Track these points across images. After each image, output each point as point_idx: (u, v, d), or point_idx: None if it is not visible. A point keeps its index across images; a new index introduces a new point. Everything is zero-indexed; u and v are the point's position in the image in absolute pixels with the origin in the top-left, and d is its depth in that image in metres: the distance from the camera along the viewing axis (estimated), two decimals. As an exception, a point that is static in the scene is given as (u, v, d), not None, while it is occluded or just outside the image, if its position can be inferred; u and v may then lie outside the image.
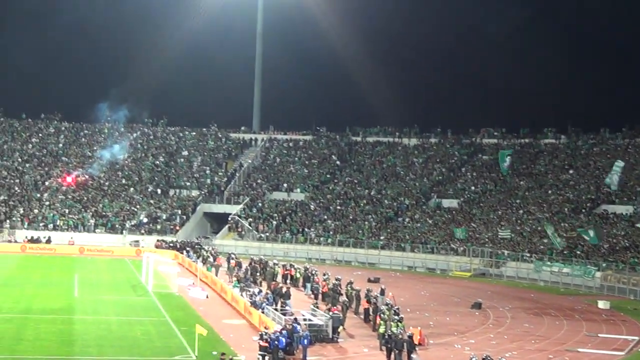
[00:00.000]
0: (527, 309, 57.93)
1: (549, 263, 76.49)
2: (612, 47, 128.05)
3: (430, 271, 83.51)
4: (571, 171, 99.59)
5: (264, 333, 36.92)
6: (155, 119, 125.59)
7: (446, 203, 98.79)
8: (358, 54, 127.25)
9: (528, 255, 79.15)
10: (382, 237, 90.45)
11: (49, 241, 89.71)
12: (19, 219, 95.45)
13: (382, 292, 50.94)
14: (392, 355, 37.06)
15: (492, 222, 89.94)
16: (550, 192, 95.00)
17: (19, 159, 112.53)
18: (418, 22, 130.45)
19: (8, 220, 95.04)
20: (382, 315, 42.61)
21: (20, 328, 42.07)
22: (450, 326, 49.02)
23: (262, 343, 36.15)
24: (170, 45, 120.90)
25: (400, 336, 37.37)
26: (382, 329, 40.81)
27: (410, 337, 37.77)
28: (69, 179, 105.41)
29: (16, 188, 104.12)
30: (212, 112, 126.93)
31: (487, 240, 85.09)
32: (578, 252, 76.82)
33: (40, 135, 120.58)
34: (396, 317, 41.63)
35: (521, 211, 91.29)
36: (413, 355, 36.86)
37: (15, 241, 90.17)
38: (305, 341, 37.66)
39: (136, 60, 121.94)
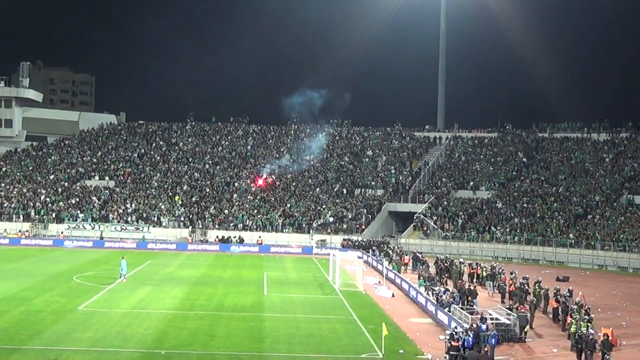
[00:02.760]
0: None
1: None
2: None
3: (622, 270, 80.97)
4: None
5: (454, 332, 36.71)
6: (340, 120, 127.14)
7: (639, 199, 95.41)
8: (542, 49, 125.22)
9: None
10: (571, 235, 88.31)
11: (241, 241, 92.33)
12: (210, 220, 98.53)
13: (571, 294, 49.63)
14: (583, 356, 36.11)
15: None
16: None
17: (210, 162, 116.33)
18: (604, 15, 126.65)
19: (200, 221, 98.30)
20: (573, 315, 41.62)
21: (213, 325, 43.35)
22: (644, 327, 47.39)
23: (454, 343, 35.96)
24: (355, 46, 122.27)
25: (590, 337, 36.37)
26: (573, 329, 39.87)
27: (607, 337, 36.59)
28: (260, 182, 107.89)
29: (207, 189, 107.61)
30: (396, 112, 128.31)
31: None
32: None
33: (229, 138, 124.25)
34: (587, 317, 40.53)
35: None
36: (607, 357, 35.78)
37: (207, 241, 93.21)
38: (493, 340, 37.22)
39: (321, 62, 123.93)
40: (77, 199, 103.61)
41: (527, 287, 52.74)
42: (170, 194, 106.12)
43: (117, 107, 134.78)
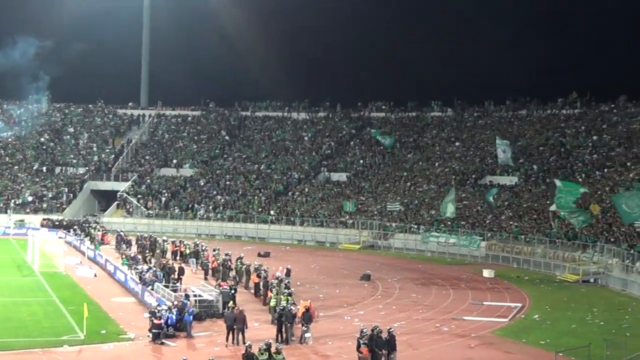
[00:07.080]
0: (415, 280, 58.90)
1: (435, 234, 77.59)
2: (500, 19, 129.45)
3: (320, 244, 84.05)
4: (457, 143, 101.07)
5: (156, 310, 36.72)
6: (39, 95, 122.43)
7: (335, 177, 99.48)
8: (246, 29, 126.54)
9: (415, 226, 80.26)
10: (272, 212, 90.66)
11: None
12: None
13: (288, 273, 50.72)
14: (284, 329, 37.27)
15: (381, 195, 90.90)
16: (437, 164, 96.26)
17: None
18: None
19: None
20: (273, 289, 42.79)
21: None
22: (339, 298, 49.53)
23: (156, 321, 35.99)
24: (53, 16, 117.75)
25: (290, 310, 37.57)
26: (272, 303, 40.99)
27: (307, 309, 37.89)
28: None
29: None
30: (99, 88, 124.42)
31: (375, 212, 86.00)
32: (463, 223, 78.11)
33: None
34: (286, 290, 41.83)
35: (409, 183, 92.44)
36: (304, 329, 37.17)
37: None
38: (191, 317, 37.60)
39: (18, 31, 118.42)
40: None
41: (229, 264, 53.72)
42: None
43: None
